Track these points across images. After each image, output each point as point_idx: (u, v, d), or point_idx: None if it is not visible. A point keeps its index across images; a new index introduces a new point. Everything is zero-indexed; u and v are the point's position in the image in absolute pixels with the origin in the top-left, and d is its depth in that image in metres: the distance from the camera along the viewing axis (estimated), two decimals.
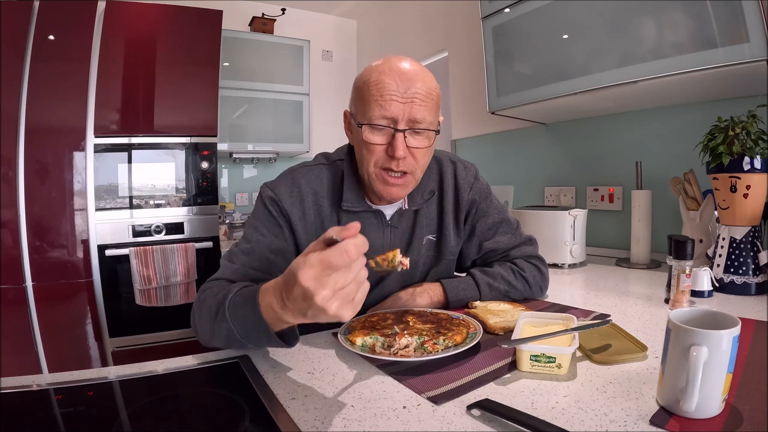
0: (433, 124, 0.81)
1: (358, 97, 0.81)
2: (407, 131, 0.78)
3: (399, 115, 0.76)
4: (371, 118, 0.77)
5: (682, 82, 1.17)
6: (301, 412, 0.53)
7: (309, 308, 0.50)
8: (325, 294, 0.47)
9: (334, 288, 0.48)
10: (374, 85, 0.77)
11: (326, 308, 0.48)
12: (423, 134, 0.80)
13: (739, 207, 1.03)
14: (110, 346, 2.03)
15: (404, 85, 0.76)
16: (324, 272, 0.47)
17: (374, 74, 0.78)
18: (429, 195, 0.94)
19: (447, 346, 0.68)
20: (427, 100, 0.78)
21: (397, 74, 0.77)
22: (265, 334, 0.60)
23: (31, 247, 1.86)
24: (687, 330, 0.47)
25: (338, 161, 0.92)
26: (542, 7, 1.43)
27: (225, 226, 2.62)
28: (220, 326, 0.66)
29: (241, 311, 0.63)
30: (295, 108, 2.89)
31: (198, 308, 0.74)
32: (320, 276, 0.47)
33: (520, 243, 1.02)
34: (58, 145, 1.92)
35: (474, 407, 0.51)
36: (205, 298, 0.73)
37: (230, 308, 0.65)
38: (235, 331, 0.64)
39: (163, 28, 2.13)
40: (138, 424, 0.52)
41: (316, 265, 0.47)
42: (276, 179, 0.90)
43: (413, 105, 0.77)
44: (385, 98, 0.76)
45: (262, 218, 0.86)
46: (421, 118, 0.78)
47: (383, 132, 0.78)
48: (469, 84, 2.31)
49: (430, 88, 0.79)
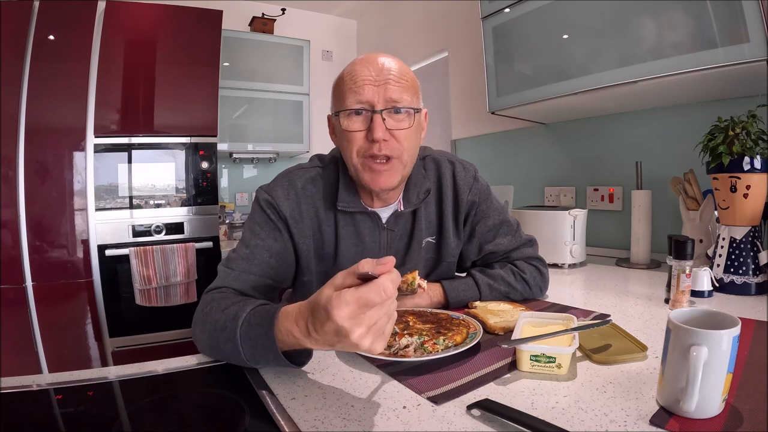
0: (412, 104, 0.80)
1: (335, 94, 0.82)
2: (384, 112, 0.77)
3: (374, 99, 0.77)
4: (346, 104, 0.78)
5: (682, 82, 1.17)
6: (301, 412, 0.53)
7: (340, 342, 0.49)
8: (360, 332, 0.47)
9: (369, 324, 0.47)
10: (348, 76, 0.79)
11: (360, 345, 0.47)
12: (402, 114, 0.79)
13: (739, 207, 1.03)
14: (110, 346, 2.03)
15: (376, 69, 0.77)
16: (360, 310, 0.46)
17: (347, 68, 0.80)
18: (425, 194, 0.93)
19: (447, 346, 0.68)
20: (401, 81, 0.78)
21: (368, 62, 0.78)
22: (274, 359, 0.58)
23: (31, 247, 1.86)
24: (687, 330, 0.47)
25: (332, 164, 0.91)
26: (542, 7, 1.43)
27: (225, 226, 2.63)
28: (225, 344, 0.64)
29: (253, 332, 0.61)
30: (295, 108, 2.89)
31: (201, 320, 0.71)
32: (356, 314, 0.46)
33: (521, 245, 1.01)
34: (58, 145, 1.92)
35: (474, 407, 0.51)
36: (210, 311, 0.70)
37: (243, 328, 0.62)
38: (242, 354, 0.62)
39: (163, 28, 2.13)
40: (138, 424, 0.52)
41: (352, 303, 0.46)
42: (272, 182, 0.89)
43: (387, 86, 0.77)
44: (358, 84, 0.77)
45: (260, 222, 0.85)
46: (398, 98, 0.77)
47: (361, 117, 0.78)
48: (469, 84, 2.31)
49: (403, 70, 0.80)
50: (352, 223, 0.88)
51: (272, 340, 0.57)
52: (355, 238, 0.88)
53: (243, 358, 0.62)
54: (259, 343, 0.59)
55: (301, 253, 0.87)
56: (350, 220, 0.88)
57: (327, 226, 0.88)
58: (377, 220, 0.89)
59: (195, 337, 0.73)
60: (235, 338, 0.62)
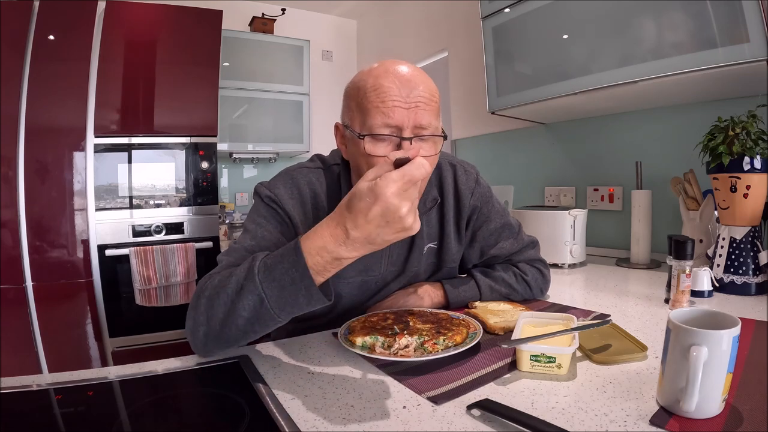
0: (438, 129, 0.75)
1: (355, 106, 0.73)
2: (414, 139, 0.71)
3: (404, 122, 0.70)
4: (373, 127, 0.70)
5: (682, 82, 1.17)
6: (301, 412, 0.53)
7: (386, 227, 0.53)
8: (408, 207, 0.51)
9: (412, 200, 0.52)
10: (372, 91, 0.70)
11: (406, 221, 0.52)
12: (430, 141, 0.73)
13: (739, 207, 1.03)
14: (110, 346, 2.03)
15: (406, 88, 0.70)
16: (406, 185, 0.51)
17: (370, 79, 0.71)
18: (432, 203, 0.90)
19: (447, 346, 0.68)
20: (431, 103, 0.72)
21: (396, 77, 0.70)
22: (305, 293, 0.57)
23: (31, 247, 1.86)
24: (687, 330, 0.47)
25: (334, 165, 0.87)
26: (542, 7, 1.43)
27: (225, 226, 2.62)
28: (242, 304, 0.60)
29: (277, 271, 0.58)
30: (295, 108, 2.89)
31: (207, 299, 0.65)
32: (403, 191, 0.51)
33: (523, 247, 1.00)
34: (58, 145, 1.92)
35: (474, 407, 0.51)
36: (209, 286, 0.66)
37: (261, 273, 0.59)
38: (267, 301, 0.58)
39: (163, 28, 2.13)
40: (138, 424, 0.52)
41: (399, 180, 0.51)
42: (273, 179, 0.85)
43: (417, 110, 0.70)
44: (387, 104, 0.69)
45: (266, 214, 0.81)
46: (427, 123, 0.71)
47: (387, 142, 0.71)
48: (469, 84, 2.31)
49: (432, 92, 0.73)
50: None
51: (304, 267, 0.56)
52: None
53: (268, 307, 0.59)
54: (287, 278, 0.57)
55: None
56: None
57: None
58: None
59: (193, 326, 0.67)
60: (255, 287, 0.59)
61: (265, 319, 0.61)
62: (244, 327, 0.63)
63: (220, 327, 0.64)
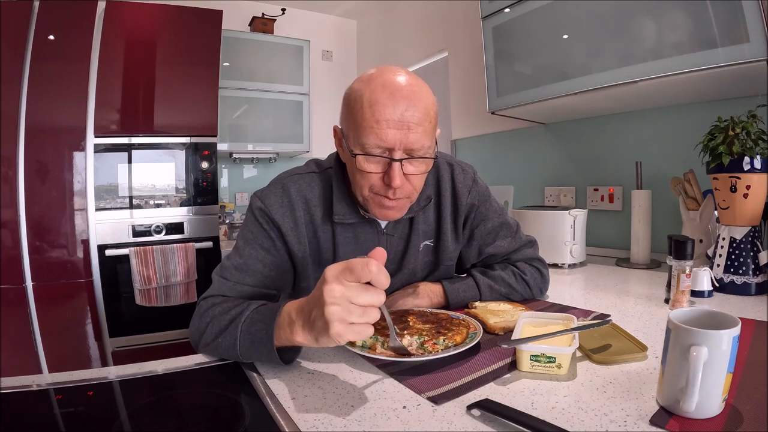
0: (430, 149, 0.76)
1: (351, 117, 0.75)
2: (404, 160, 0.73)
3: (395, 144, 0.72)
4: (365, 146, 0.72)
5: (682, 82, 1.17)
6: (301, 412, 0.53)
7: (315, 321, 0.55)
8: (338, 312, 0.51)
9: (344, 293, 0.51)
10: (368, 108, 0.71)
11: (328, 316, 0.52)
12: (420, 160, 0.76)
13: (739, 207, 1.03)
14: (110, 346, 2.03)
15: (401, 106, 0.71)
16: (343, 273, 0.51)
17: (367, 91, 0.72)
18: (426, 202, 0.91)
19: (447, 346, 0.68)
20: (423, 123, 0.73)
21: (392, 96, 0.71)
22: (267, 354, 0.63)
23: (31, 247, 1.86)
24: (687, 330, 0.47)
25: (329, 169, 0.88)
26: (542, 7, 1.43)
27: (225, 226, 2.63)
28: (223, 340, 0.68)
29: (255, 327, 0.65)
30: (295, 108, 2.89)
31: (204, 323, 0.73)
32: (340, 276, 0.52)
33: (521, 246, 1.00)
34: (58, 145, 1.92)
35: (474, 407, 0.51)
36: (210, 312, 0.73)
37: (245, 323, 0.66)
38: (238, 347, 0.66)
39: (163, 28, 2.13)
40: (138, 424, 0.52)
41: (340, 264, 0.53)
42: (266, 188, 0.87)
43: (409, 133, 0.71)
44: (381, 125, 0.70)
45: (254, 231, 0.84)
46: (419, 146, 0.73)
47: (378, 161, 0.74)
48: (469, 84, 2.31)
49: (428, 107, 0.73)
50: (351, 229, 0.87)
51: (271, 334, 0.62)
52: (354, 244, 0.87)
53: (237, 352, 0.66)
54: (257, 336, 0.64)
55: (297, 261, 0.86)
56: (349, 228, 0.87)
57: (323, 232, 0.86)
58: (377, 225, 0.88)
59: (193, 337, 0.75)
60: (235, 333, 0.66)
61: (234, 357, 0.69)
62: (226, 354, 0.70)
63: (206, 348, 0.73)
